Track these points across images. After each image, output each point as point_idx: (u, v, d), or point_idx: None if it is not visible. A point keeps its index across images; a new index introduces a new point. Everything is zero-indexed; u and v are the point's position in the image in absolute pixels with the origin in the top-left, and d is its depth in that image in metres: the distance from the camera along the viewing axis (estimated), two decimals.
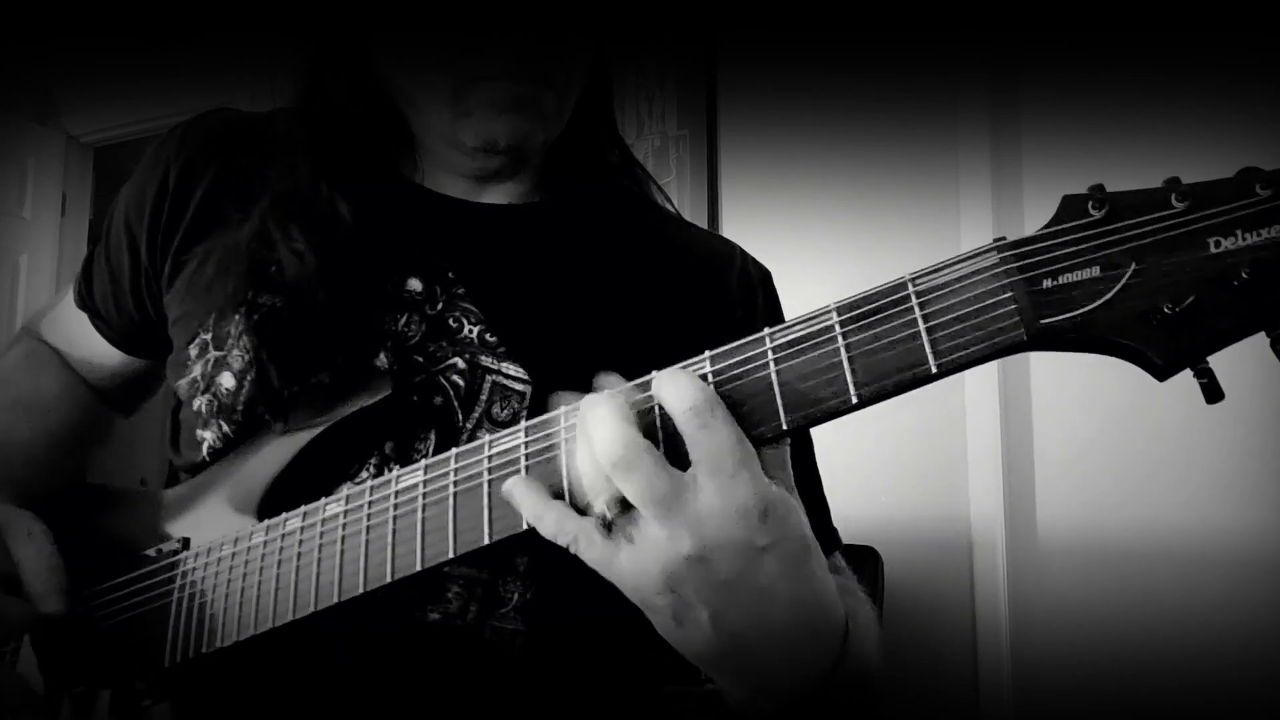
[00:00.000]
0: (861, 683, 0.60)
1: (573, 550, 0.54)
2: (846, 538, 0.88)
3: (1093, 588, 2.05)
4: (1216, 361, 0.46)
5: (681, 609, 0.51)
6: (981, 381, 2.12)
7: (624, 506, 0.51)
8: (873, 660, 0.66)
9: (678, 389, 0.51)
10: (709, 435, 0.50)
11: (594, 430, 0.52)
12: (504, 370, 0.75)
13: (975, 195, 2.21)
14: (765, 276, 0.89)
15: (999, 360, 0.48)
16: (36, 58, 3.48)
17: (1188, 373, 0.46)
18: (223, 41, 3.16)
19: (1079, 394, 2.09)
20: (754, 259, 0.90)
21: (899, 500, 2.22)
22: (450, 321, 0.77)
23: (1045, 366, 2.12)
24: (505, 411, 0.74)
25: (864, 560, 2.05)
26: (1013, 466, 2.12)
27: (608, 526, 0.52)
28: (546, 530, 0.54)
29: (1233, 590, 1.94)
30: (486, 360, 0.75)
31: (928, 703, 2.12)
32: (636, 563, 0.51)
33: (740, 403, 0.52)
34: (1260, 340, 0.45)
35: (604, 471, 0.51)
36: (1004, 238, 0.49)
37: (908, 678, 2.11)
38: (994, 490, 2.11)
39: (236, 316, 0.75)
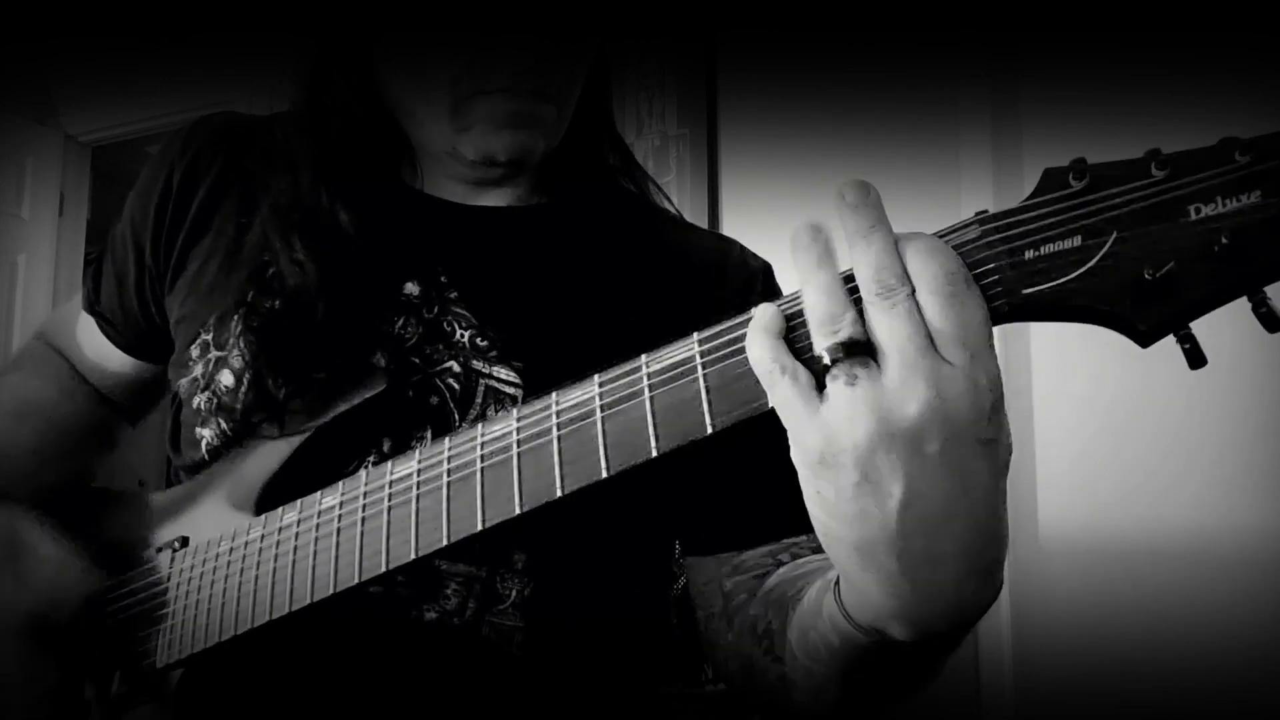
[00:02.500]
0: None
1: (766, 384, 0.48)
2: None
3: (1093, 587, 2.05)
4: (1218, 358, 0.46)
5: (871, 473, 0.45)
6: None
7: (854, 352, 0.45)
8: None
9: (934, 251, 0.47)
10: (963, 306, 0.45)
11: (866, 251, 0.47)
12: (496, 374, 0.75)
13: (977, 194, 2.21)
14: (765, 267, 0.89)
15: (1000, 360, 0.48)
16: (35, 57, 3.48)
17: (1186, 375, 0.47)
18: (222, 41, 3.16)
19: (1080, 393, 2.09)
20: (753, 252, 0.90)
21: None
22: (445, 325, 0.77)
23: (1046, 366, 2.12)
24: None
25: None
26: (1013, 466, 2.11)
27: (824, 370, 0.46)
28: (754, 351, 0.49)
29: (1234, 590, 1.94)
30: (479, 364, 0.75)
31: (929, 702, 2.11)
32: (849, 410, 0.45)
33: (735, 379, 0.51)
34: (1260, 339, 0.45)
35: (847, 305, 0.46)
36: (985, 211, 0.49)
37: None
38: None
39: (236, 318, 0.76)
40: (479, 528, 0.57)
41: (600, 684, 0.78)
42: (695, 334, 0.53)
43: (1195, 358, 0.45)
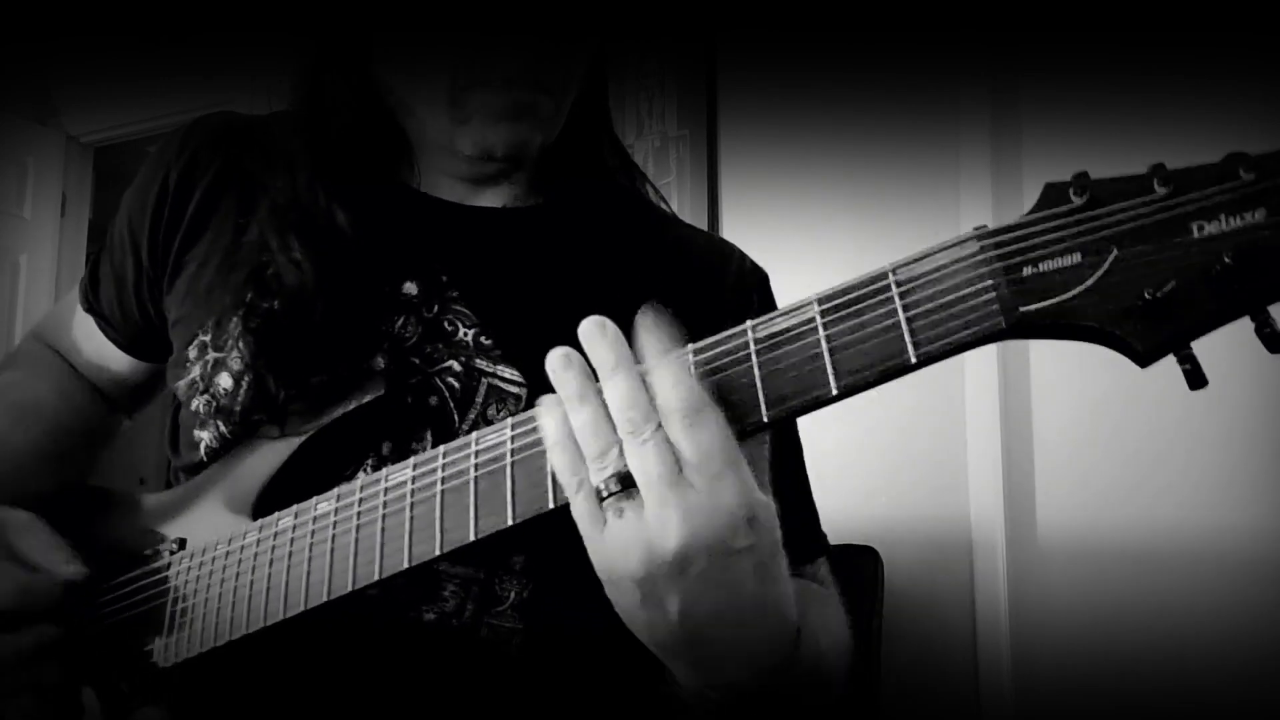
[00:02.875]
0: (814, 684, 0.62)
1: (567, 494, 0.53)
2: (846, 538, 0.88)
3: (1093, 587, 2.04)
4: (1217, 358, 0.46)
5: (650, 593, 0.50)
6: (981, 381, 2.12)
7: (625, 484, 0.51)
8: (831, 665, 0.67)
9: (672, 384, 0.51)
10: (700, 432, 0.50)
11: (611, 391, 0.52)
12: (499, 373, 0.75)
13: (976, 194, 2.21)
14: (763, 278, 0.89)
15: (999, 360, 0.48)
16: (36, 58, 3.48)
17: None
18: (223, 41, 3.16)
19: (1079, 393, 2.09)
20: (752, 261, 0.90)
21: (898, 500, 2.22)
22: (445, 325, 0.77)
23: (1045, 366, 2.12)
24: (501, 414, 0.74)
25: (863, 560, 2.05)
26: (1013, 466, 2.12)
27: (601, 500, 0.51)
28: (557, 463, 0.53)
29: (1233, 589, 1.93)
30: (482, 363, 0.75)
31: (928, 702, 2.11)
32: (621, 539, 0.50)
33: (723, 396, 0.51)
34: (1257, 338, 0.44)
35: (613, 441, 0.51)
36: (984, 226, 0.48)
37: (908, 678, 2.11)
38: (994, 490, 2.11)
39: (235, 319, 0.75)
40: (471, 538, 0.57)
41: (598, 685, 0.78)
42: (690, 345, 0.53)
43: (1196, 379, 0.45)
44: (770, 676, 0.55)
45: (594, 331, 0.54)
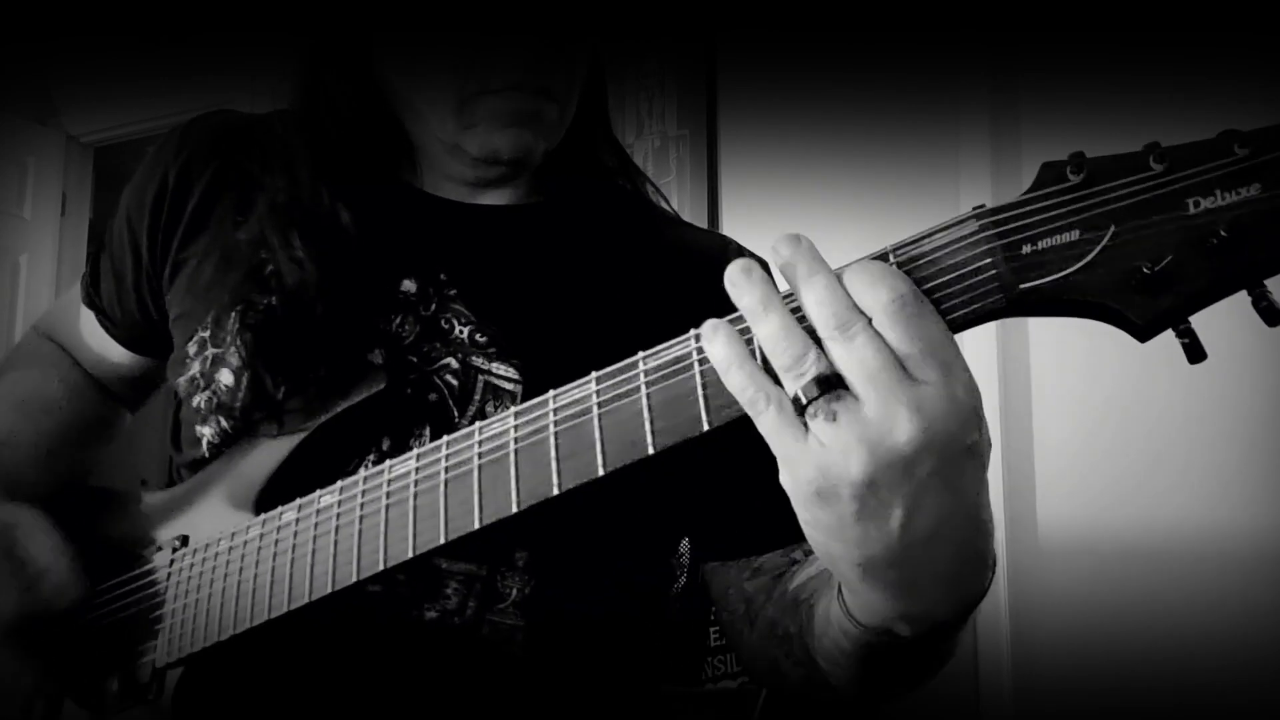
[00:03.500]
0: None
1: (754, 412, 0.48)
2: None
3: (1093, 586, 2.04)
4: (1217, 355, 0.46)
5: (870, 501, 0.45)
6: (981, 380, 2.09)
7: (827, 386, 0.46)
8: None
9: (880, 278, 0.47)
10: (923, 324, 0.45)
11: (805, 289, 0.47)
12: (495, 370, 0.75)
13: (976, 194, 2.21)
14: (762, 262, 0.89)
15: (999, 358, 0.48)
16: (36, 57, 3.48)
17: (1188, 370, 0.46)
18: (223, 41, 3.16)
19: (1079, 392, 2.09)
20: (749, 249, 0.90)
21: None
22: (443, 323, 0.77)
23: (1045, 366, 2.12)
24: (498, 411, 0.74)
25: None
26: (1012, 465, 2.12)
27: (801, 410, 0.46)
28: (733, 383, 0.48)
29: (1233, 589, 1.94)
30: (478, 361, 0.75)
31: (928, 702, 2.11)
32: (837, 443, 0.45)
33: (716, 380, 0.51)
34: (1261, 337, 0.45)
35: (824, 336, 0.46)
36: (983, 205, 0.48)
37: None
38: (994, 490, 2.11)
39: (233, 316, 0.76)
40: (476, 525, 0.57)
41: (600, 683, 0.79)
42: (693, 330, 0.53)
43: (1194, 352, 0.45)
44: (964, 610, 0.51)
45: (789, 246, 0.50)
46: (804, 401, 0.46)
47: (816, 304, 0.47)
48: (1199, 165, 0.44)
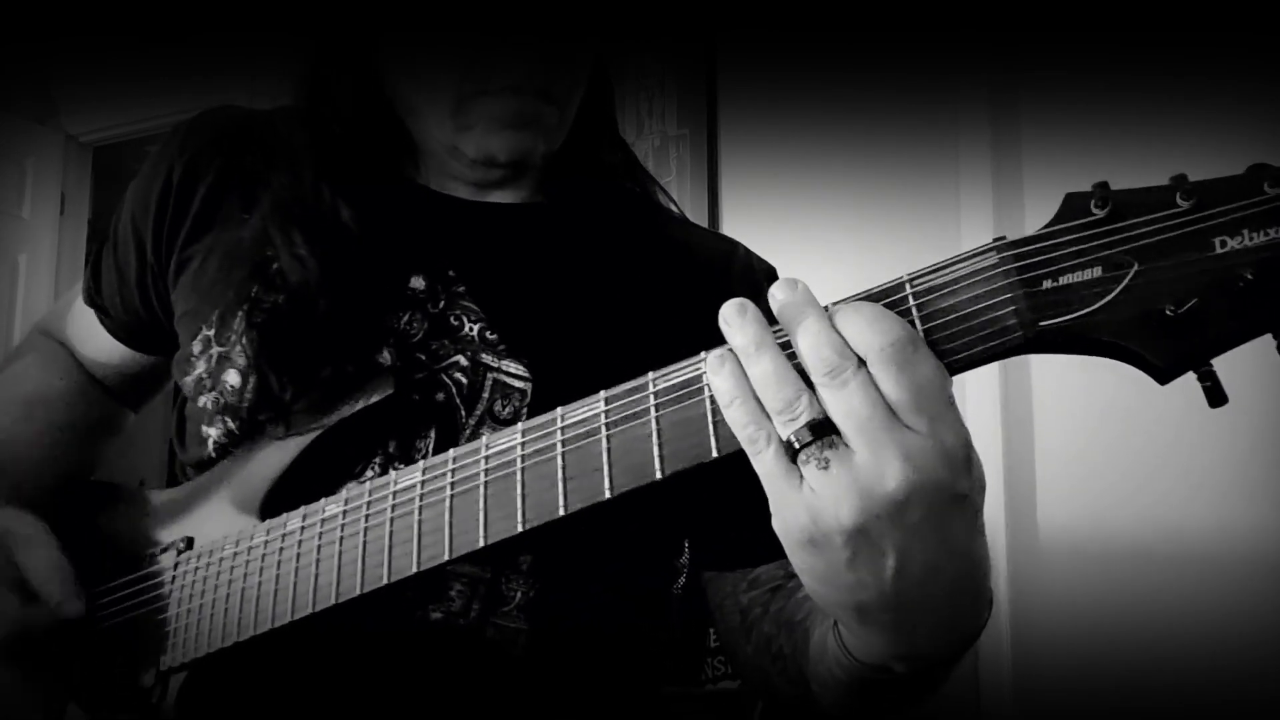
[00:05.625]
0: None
1: (751, 452, 0.48)
2: None
3: (1093, 587, 2.05)
4: (1218, 361, 0.45)
5: (863, 548, 0.46)
6: (982, 382, 2.12)
7: (819, 433, 0.46)
8: None
9: (873, 321, 0.46)
10: (915, 371, 0.45)
11: (797, 336, 0.47)
12: (504, 368, 0.75)
13: (976, 194, 2.21)
14: (770, 272, 0.89)
15: (1000, 361, 0.47)
16: (36, 57, 3.48)
17: (1186, 376, 0.46)
18: (222, 41, 3.15)
19: (1080, 394, 2.09)
20: (758, 255, 0.90)
21: None
22: (452, 319, 0.77)
23: (1046, 367, 2.12)
24: (507, 409, 0.74)
25: None
26: (1013, 466, 2.12)
27: (793, 455, 0.47)
28: (735, 418, 0.48)
29: (1233, 589, 1.94)
30: (487, 358, 0.75)
31: (928, 702, 2.11)
32: (828, 491, 0.45)
33: None
34: (1263, 339, 0.44)
35: (800, 389, 0.46)
36: (1004, 237, 0.48)
37: None
38: (994, 490, 2.10)
39: (239, 314, 0.75)
40: (481, 544, 0.57)
41: (602, 685, 0.79)
42: (704, 353, 0.52)
43: (1215, 396, 0.44)
44: (962, 648, 0.52)
45: (784, 289, 0.49)
46: (796, 446, 0.46)
47: (809, 349, 0.47)
48: (1227, 203, 0.43)
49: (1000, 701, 2.06)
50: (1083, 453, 2.09)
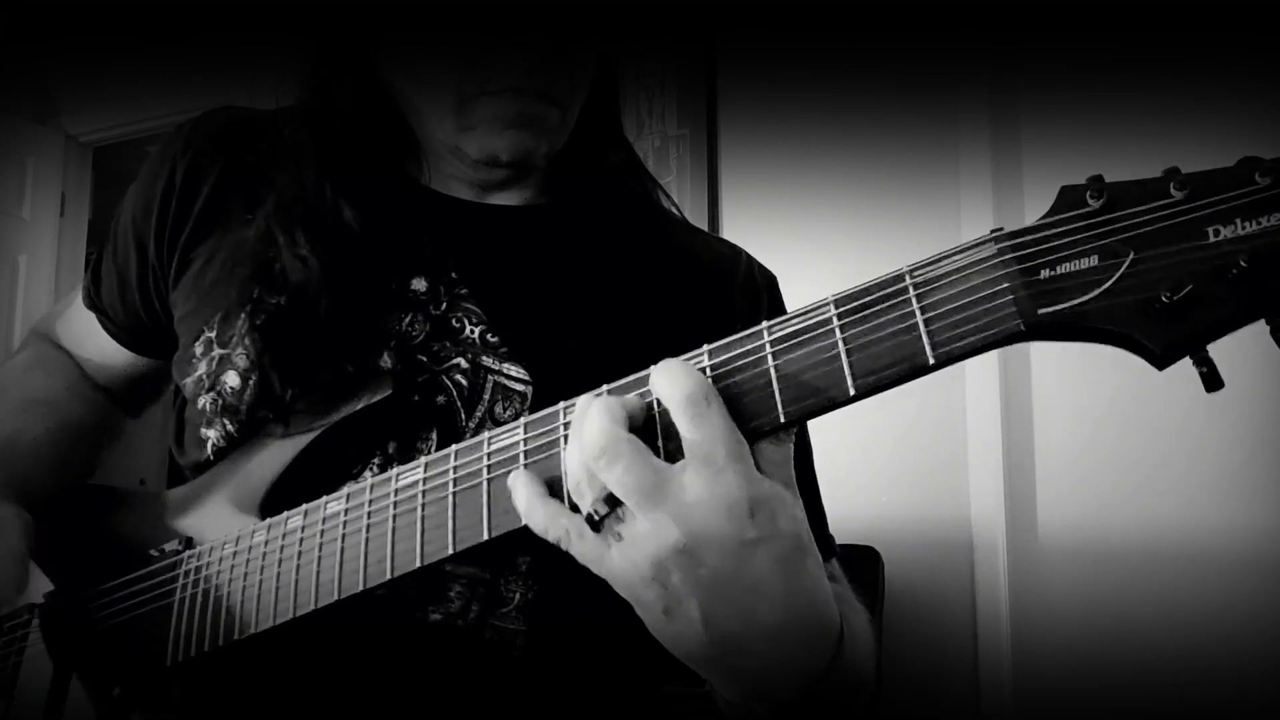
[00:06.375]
0: (855, 688, 0.59)
1: (564, 546, 0.53)
2: (846, 538, 0.88)
3: (1093, 587, 2.05)
4: (1219, 359, 0.46)
5: (671, 603, 0.50)
6: (982, 381, 2.12)
7: (612, 503, 0.51)
8: (866, 667, 0.65)
9: (671, 378, 0.51)
10: (701, 425, 0.49)
11: (579, 426, 0.52)
12: (505, 371, 0.75)
13: (976, 194, 2.21)
14: (771, 281, 0.89)
15: (1000, 360, 0.48)
16: (36, 57, 3.48)
17: (1189, 371, 0.46)
18: (223, 41, 3.16)
19: (1080, 393, 2.09)
20: (760, 264, 0.90)
21: (899, 500, 2.22)
22: (453, 321, 0.77)
23: (1046, 366, 2.13)
24: (508, 412, 0.74)
25: (864, 560, 2.05)
26: (1013, 466, 2.12)
27: (596, 526, 0.52)
28: (536, 525, 0.54)
29: (1233, 590, 1.94)
30: (488, 361, 0.75)
31: (928, 703, 2.12)
32: (625, 557, 0.50)
33: (739, 396, 0.51)
34: (1263, 339, 0.45)
35: (589, 467, 0.51)
36: (1001, 229, 0.49)
37: (908, 677, 2.11)
38: (994, 490, 2.11)
39: (242, 315, 0.75)
40: (485, 537, 0.57)
41: (603, 687, 0.79)
42: (705, 346, 0.53)
43: (1212, 381, 0.45)
44: (816, 684, 0.53)
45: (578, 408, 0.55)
46: (596, 519, 0.51)
47: (581, 437, 0.51)
48: (1220, 194, 0.44)
49: (1000, 701, 2.07)
50: (1083, 453, 2.09)
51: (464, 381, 0.75)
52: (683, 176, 2.56)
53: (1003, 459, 2.11)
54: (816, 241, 2.36)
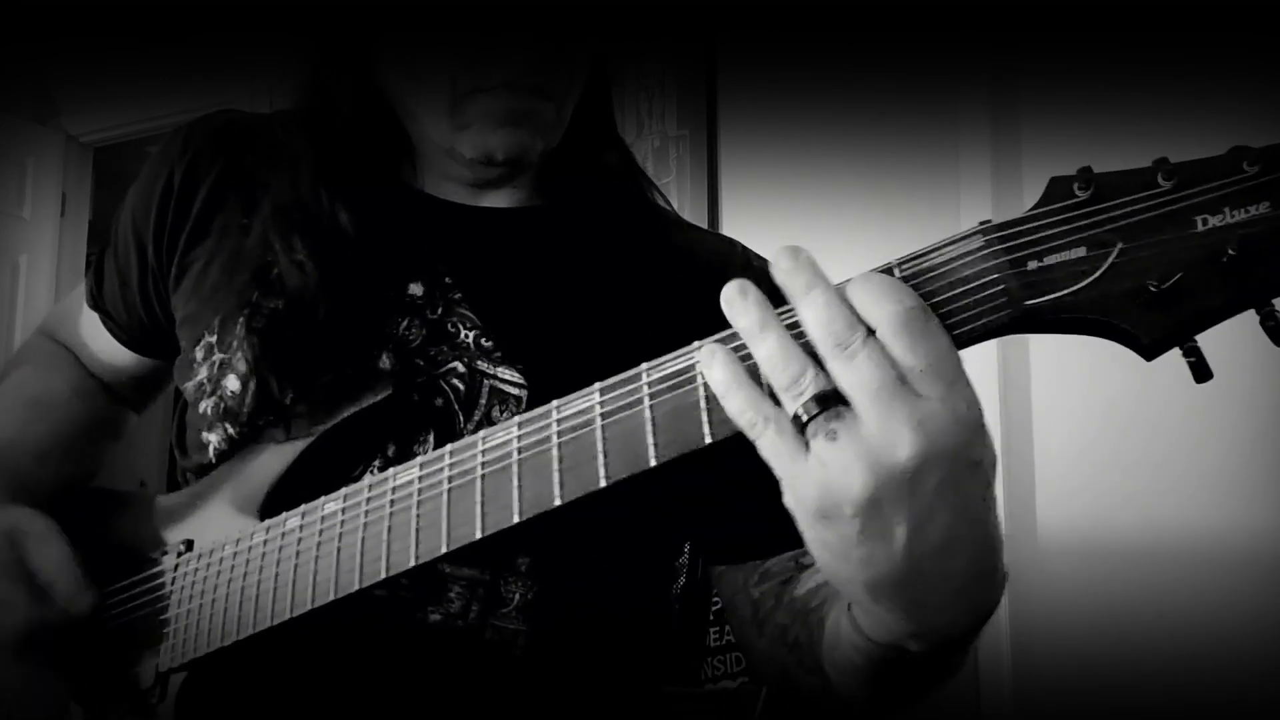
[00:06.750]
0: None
1: (753, 436, 0.48)
2: None
3: (1093, 588, 2.05)
4: (1217, 357, 0.46)
5: (875, 523, 0.45)
6: (981, 382, 2.10)
7: (823, 404, 0.46)
8: None
9: (887, 294, 0.46)
10: (929, 339, 0.45)
11: (808, 309, 0.47)
12: (500, 375, 0.75)
13: (976, 194, 2.21)
14: (766, 267, 0.89)
15: (999, 360, 0.48)
16: (36, 57, 3.48)
17: (1187, 371, 0.46)
18: (223, 41, 3.16)
19: (1079, 394, 2.09)
20: (755, 252, 0.90)
21: None
22: (449, 326, 0.77)
23: (1046, 366, 2.12)
24: (504, 415, 0.74)
25: None
26: (1013, 466, 2.12)
27: (803, 427, 0.46)
28: (732, 407, 0.48)
29: (1233, 590, 1.94)
30: (484, 365, 0.75)
31: (928, 702, 2.11)
32: (839, 464, 0.45)
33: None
34: (1261, 340, 0.45)
35: (806, 364, 0.46)
36: (989, 220, 0.48)
37: None
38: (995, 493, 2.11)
39: (239, 320, 0.76)
40: (478, 535, 0.57)
41: (601, 686, 0.79)
42: (696, 343, 0.53)
43: (1201, 371, 0.45)
44: (978, 625, 0.51)
45: (788, 259, 0.49)
46: (804, 419, 0.46)
47: (815, 321, 0.47)
48: (1208, 182, 0.44)
49: (1000, 701, 2.07)
50: (1083, 453, 2.09)
51: (461, 386, 0.75)
52: (683, 177, 2.56)
53: (1001, 459, 2.11)
54: (817, 242, 2.33)
